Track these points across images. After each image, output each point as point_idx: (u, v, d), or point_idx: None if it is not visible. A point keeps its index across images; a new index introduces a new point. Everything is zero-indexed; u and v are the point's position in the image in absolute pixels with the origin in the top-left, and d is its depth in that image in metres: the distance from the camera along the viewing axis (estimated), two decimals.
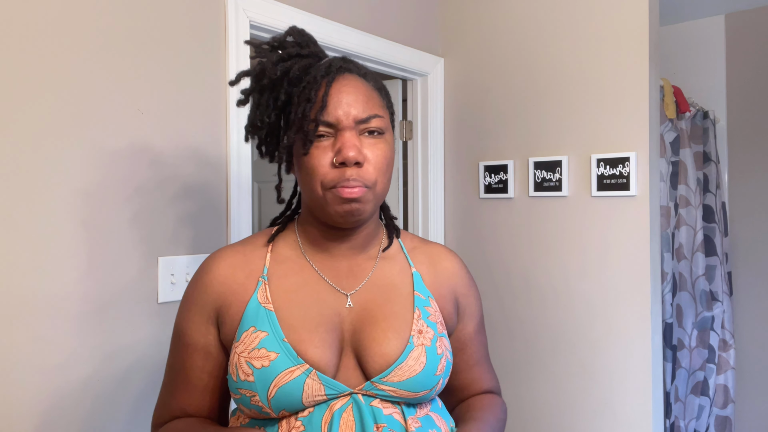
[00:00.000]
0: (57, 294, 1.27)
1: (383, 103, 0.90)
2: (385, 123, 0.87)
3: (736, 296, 3.01)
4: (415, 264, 0.97)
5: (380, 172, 0.85)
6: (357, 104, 0.84)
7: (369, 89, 0.87)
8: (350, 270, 0.92)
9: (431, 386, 0.86)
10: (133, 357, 1.41)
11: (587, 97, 2.02)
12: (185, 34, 1.51)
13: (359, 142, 0.83)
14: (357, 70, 0.89)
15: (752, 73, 2.98)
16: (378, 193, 0.86)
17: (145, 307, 1.43)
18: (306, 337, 0.83)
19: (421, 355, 0.84)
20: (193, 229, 1.53)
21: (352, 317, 0.87)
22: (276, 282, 0.88)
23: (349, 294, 0.89)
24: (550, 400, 2.11)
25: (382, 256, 0.95)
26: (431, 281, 0.96)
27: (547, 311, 2.12)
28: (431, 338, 0.87)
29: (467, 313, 0.99)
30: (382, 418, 0.81)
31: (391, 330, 0.85)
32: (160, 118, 1.46)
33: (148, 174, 1.43)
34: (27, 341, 1.23)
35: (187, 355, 0.90)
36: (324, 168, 0.83)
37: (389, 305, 0.88)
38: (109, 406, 1.36)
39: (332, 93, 0.84)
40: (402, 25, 2.21)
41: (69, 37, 1.29)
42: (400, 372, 0.83)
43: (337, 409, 0.80)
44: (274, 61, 0.86)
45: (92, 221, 1.33)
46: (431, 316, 0.90)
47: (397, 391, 0.83)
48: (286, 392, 0.79)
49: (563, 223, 2.08)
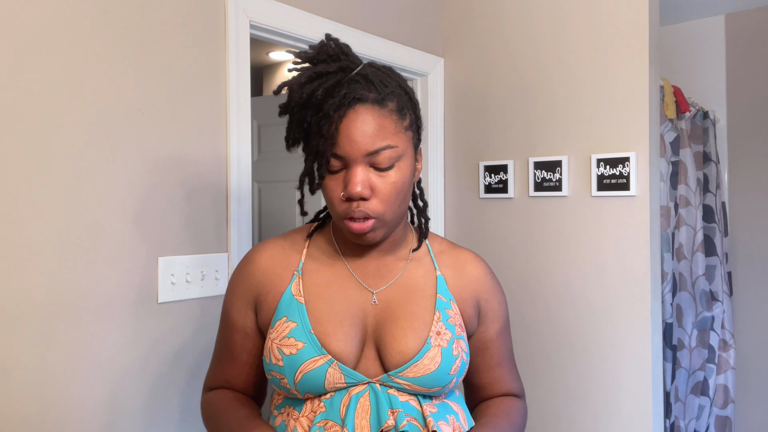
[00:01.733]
0: (57, 294, 1.27)
1: (402, 124, 0.90)
2: (400, 150, 0.88)
3: (736, 296, 3.01)
4: (440, 267, 1.01)
5: (388, 203, 0.89)
6: (365, 138, 0.85)
7: (382, 117, 0.87)
8: (378, 270, 0.98)
9: (444, 384, 0.91)
10: (134, 357, 1.41)
11: (587, 97, 2.02)
12: (185, 33, 1.51)
13: (367, 175, 0.87)
14: (374, 95, 0.87)
15: (752, 73, 2.98)
16: (389, 220, 0.91)
17: (145, 307, 1.43)
18: (330, 330, 0.90)
19: (437, 356, 0.90)
20: (193, 229, 1.53)
21: (376, 313, 0.94)
22: (309, 276, 0.96)
23: (375, 292, 0.96)
24: (550, 399, 2.11)
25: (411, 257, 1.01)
26: (454, 284, 1.00)
27: (547, 311, 2.12)
28: (448, 340, 0.92)
29: (489, 316, 1.03)
30: (397, 404, 0.88)
31: (410, 329, 0.91)
32: (160, 118, 1.46)
33: (147, 174, 1.43)
34: (27, 341, 1.23)
35: (230, 333, 1.01)
36: (336, 199, 0.89)
37: (411, 305, 0.94)
38: (109, 406, 1.36)
39: (342, 128, 0.86)
40: (402, 25, 2.21)
41: (69, 38, 1.29)
42: (416, 369, 0.89)
43: (355, 394, 0.88)
44: (302, 82, 0.88)
45: (92, 221, 1.33)
46: (451, 319, 0.95)
47: (411, 385, 0.89)
48: (310, 378, 0.88)
49: (563, 223, 2.08)
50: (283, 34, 1.78)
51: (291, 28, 1.77)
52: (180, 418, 1.50)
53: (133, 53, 1.40)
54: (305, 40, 1.85)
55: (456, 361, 0.92)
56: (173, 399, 1.49)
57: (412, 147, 0.93)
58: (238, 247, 1.62)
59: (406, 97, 0.93)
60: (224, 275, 1.59)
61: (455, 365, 0.92)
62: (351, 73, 0.88)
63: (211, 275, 1.56)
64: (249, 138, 1.65)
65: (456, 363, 0.92)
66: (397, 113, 0.89)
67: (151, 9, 1.44)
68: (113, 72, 1.37)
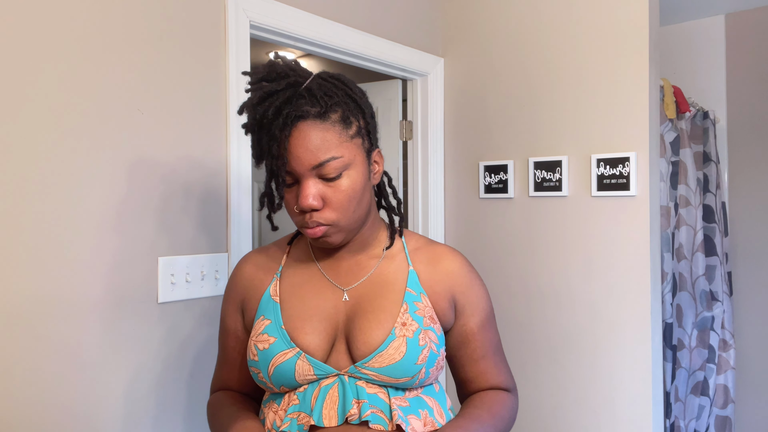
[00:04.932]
0: (57, 294, 1.27)
1: (345, 134, 0.93)
2: (347, 159, 0.93)
3: (736, 296, 3.01)
4: (413, 263, 1.04)
5: (340, 211, 0.94)
6: (308, 154, 0.90)
7: (324, 130, 0.91)
8: (350, 269, 1.03)
9: (412, 374, 0.94)
10: (134, 357, 1.41)
11: (587, 97, 2.02)
12: (185, 34, 1.51)
13: (317, 187, 0.92)
14: (316, 109, 0.91)
15: (752, 73, 2.98)
16: (343, 225, 0.96)
17: (145, 307, 1.43)
18: (300, 325, 0.96)
19: (402, 345, 0.93)
20: (193, 229, 1.53)
21: (347, 309, 0.99)
22: (286, 279, 1.04)
23: (345, 289, 1.01)
24: (551, 399, 2.11)
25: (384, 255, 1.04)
26: (427, 279, 1.03)
27: (547, 311, 2.12)
28: (414, 330, 0.95)
29: (467, 310, 1.05)
30: (364, 395, 0.92)
31: (376, 321, 0.95)
32: (160, 119, 1.46)
33: (148, 174, 1.43)
34: (27, 341, 1.23)
35: (225, 337, 1.10)
36: (292, 211, 0.96)
37: (380, 300, 0.98)
38: (109, 405, 1.36)
39: (289, 147, 0.91)
40: (402, 25, 2.21)
41: (69, 38, 1.29)
42: (381, 359, 0.93)
43: (325, 385, 0.94)
44: (255, 104, 0.92)
45: (92, 221, 1.33)
46: (419, 311, 0.98)
47: (378, 375, 0.93)
48: (281, 371, 0.94)
49: (563, 223, 2.08)
50: (283, 34, 1.78)
51: (291, 28, 1.77)
52: (181, 417, 1.50)
53: (132, 53, 1.40)
54: (305, 40, 1.85)
55: (423, 351, 0.94)
56: (174, 398, 1.49)
57: (362, 152, 0.97)
58: (238, 247, 1.62)
59: (353, 105, 0.96)
60: (224, 275, 1.59)
61: (422, 355, 0.94)
62: (300, 88, 0.92)
63: (211, 275, 1.56)
64: (249, 138, 1.65)
65: (423, 353, 0.94)
66: (341, 123, 0.93)
67: (151, 9, 1.44)
68: (113, 72, 1.37)
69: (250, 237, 1.67)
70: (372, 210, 1.05)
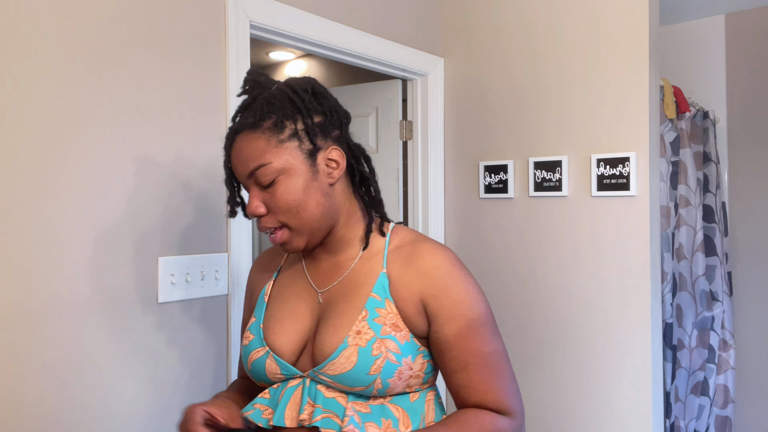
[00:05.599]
0: (57, 294, 1.27)
1: (275, 140, 0.93)
2: (277, 165, 0.93)
3: (736, 296, 3.01)
4: (388, 264, 0.99)
5: (284, 213, 0.95)
6: (240, 165, 0.95)
7: (253, 140, 0.93)
8: (329, 270, 1.04)
9: (365, 384, 0.91)
10: (134, 357, 1.41)
11: (587, 97, 2.02)
12: (185, 34, 1.51)
13: (261, 194, 0.96)
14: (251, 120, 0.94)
15: (752, 73, 2.98)
16: (297, 226, 0.96)
17: (145, 307, 1.43)
18: (272, 325, 1.01)
19: (353, 355, 0.91)
20: (193, 229, 1.53)
21: (319, 312, 1.00)
22: (279, 279, 1.09)
23: (320, 291, 1.02)
24: (551, 400, 2.11)
25: (362, 255, 1.02)
26: (397, 282, 0.96)
27: (547, 311, 2.12)
28: (368, 340, 0.91)
29: (441, 315, 0.94)
30: (320, 399, 0.94)
31: (333, 327, 0.95)
32: (160, 118, 1.46)
33: (148, 174, 1.43)
34: (27, 341, 1.23)
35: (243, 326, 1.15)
36: None
37: (343, 304, 0.97)
38: (109, 405, 1.36)
39: (231, 161, 0.98)
40: (402, 25, 2.21)
41: (69, 38, 1.29)
42: (333, 367, 0.92)
43: (291, 386, 0.97)
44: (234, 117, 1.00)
45: (93, 221, 1.33)
46: (379, 318, 0.93)
47: (333, 382, 0.93)
48: (255, 366, 1.00)
49: (563, 223, 2.08)
50: (283, 34, 1.78)
51: (291, 28, 1.77)
52: (181, 417, 1.50)
53: (132, 53, 1.40)
54: (305, 40, 1.85)
55: (377, 361, 0.90)
56: (174, 399, 1.49)
57: (300, 155, 0.94)
58: (238, 247, 1.62)
59: (290, 108, 0.94)
60: (224, 275, 1.59)
61: (375, 365, 0.90)
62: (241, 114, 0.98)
63: (211, 275, 1.56)
64: None
65: (377, 363, 0.90)
66: (272, 129, 0.93)
67: (151, 9, 1.44)
68: (113, 72, 1.37)
69: (250, 237, 1.66)
70: (346, 210, 1.01)
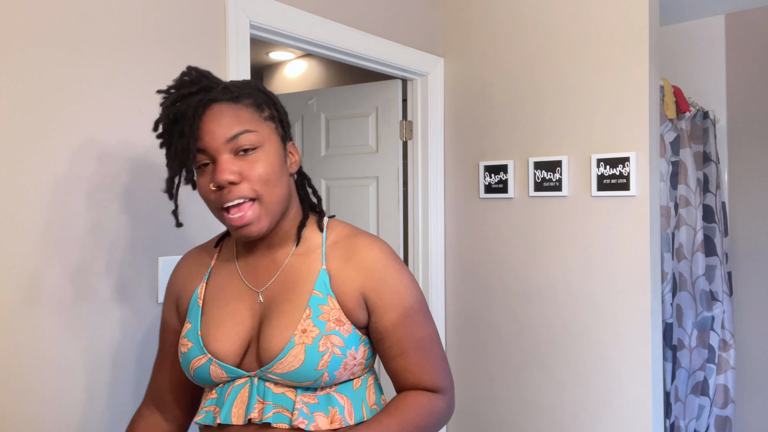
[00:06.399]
0: (58, 294, 1.27)
1: (258, 116, 0.96)
2: (260, 135, 0.94)
3: (736, 296, 3.01)
4: (327, 260, 1.01)
5: (262, 185, 0.93)
6: (221, 128, 0.92)
7: (238, 109, 0.94)
8: (266, 267, 1.03)
9: (314, 378, 0.95)
10: (134, 357, 1.41)
11: (587, 96, 2.02)
12: (185, 33, 1.51)
13: (233, 162, 0.92)
14: (229, 95, 0.95)
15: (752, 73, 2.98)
16: (269, 203, 0.95)
17: (145, 307, 1.43)
18: (213, 331, 0.99)
19: (300, 353, 0.94)
20: (193, 229, 1.53)
21: (261, 311, 1.00)
22: (212, 280, 1.05)
23: (260, 291, 1.01)
24: (551, 399, 2.11)
25: (297, 252, 1.03)
26: (337, 278, 1.00)
27: (547, 311, 2.12)
28: (314, 337, 0.94)
29: (380, 306, 0.99)
30: (270, 396, 0.95)
31: (278, 328, 0.96)
32: None
33: (148, 174, 1.43)
34: (28, 341, 1.23)
35: (163, 332, 1.12)
36: (209, 192, 0.94)
37: (286, 304, 0.98)
38: (109, 405, 1.36)
39: (201, 125, 0.92)
40: (402, 25, 2.21)
41: (69, 38, 1.29)
42: (281, 366, 0.94)
43: (237, 385, 0.98)
44: (167, 105, 0.95)
45: (93, 221, 1.33)
46: (323, 315, 0.96)
47: (281, 379, 0.95)
48: (199, 373, 0.98)
49: (563, 223, 2.08)
50: (283, 34, 1.78)
51: (291, 28, 1.77)
52: None
53: (132, 53, 1.40)
54: (305, 40, 1.85)
55: (324, 357, 0.94)
56: None
57: (276, 136, 0.98)
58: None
59: (264, 96, 0.99)
60: None
61: (322, 361, 0.94)
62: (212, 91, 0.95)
63: None
64: None
65: (324, 359, 0.94)
66: (254, 106, 0.96)
67: (151, 9, 1.44)
68: (113, 72, 1.37)
69: None
70: (293, 202, 1.03)
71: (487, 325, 2.28)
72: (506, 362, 2.22)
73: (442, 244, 2.40)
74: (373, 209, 2.52)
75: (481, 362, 2.30)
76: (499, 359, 2.24)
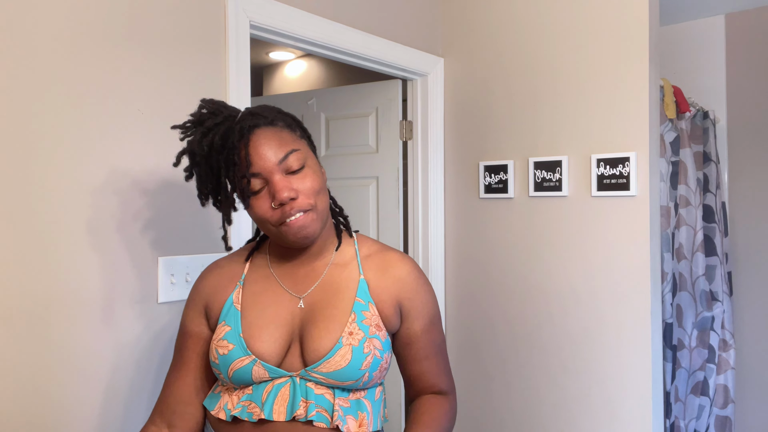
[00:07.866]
0: (57, 294, 1.27)
1: (296, 135, 1.06)
2: (303, 153, 1.04)
3: (736, 296, 3.01)
4: (364, 271, 1.12)
5: (314, 195, 1.03)
6: (271, 151, 1.00)
7: (278, 132, 1.03)
8: (306, 275, 1.11)
9: (356, 378, 1.03)
10: (134, 357, 1.41)
11: (587, 97, 2.02)
12: (185, 34, 1.51)
13: (288, 180, 1.01)
14: (264, 120, 1.03)
15: (752, 73, 2.98)
16: (321, 210, 1.04)
17: (145, 307, 1.43)
18: (256, 333, 1.04)
19: (347, 353, 1.02)
20: (193, 229, 1.53)
21: (302, 315, 1.07)
22: (248, 287, 1.11)
23: (301, 297, 1.09)
24: (550, 399, 2.11)
25: (335, 262, 1.12)
26: (376, 287, 1.11)
27: (547, 311, 2.12)
28: (360, 339, 1.04)
29: (412, 314, 1.12)
30: (311, 396, 1.02)
31: (326, 330, 1.04)
32: (160, 118, 1.46)
33: (148, 174, 1.43)
34: (26, 341, 1.23)
35: (184, 340, 1.14)
36: (268, 213, 1.02)
37: (330, 308, 1.06)
38: (109, 405, 1.36)
39: (250, 150, 1.00)
40: (402, 25, 2.21)
41: (69, 38, 1.29)
42: (328, 365, 1.01)
43: (277, 384, 1.03)
44: (198, 139, 1.02)
45: (93, 221, 1.33)
46: (366, 320, 1.06)
47: (326, 378, 1.02)
48: (239, 374, 1.03)
49: (563, 223, 2.08)
50: (283, 34, 1.78)
51: (291, 28, 1.77)
52: None
53: (132, 53, 1.40)
54: (305, 40, 1.85)
55: (367, 358, 1.04)
56: None
57: (312, 152, 1.09)
58: (238, 247, 1.62)
59: (290, 118, 1.08)
60: None
61: (366, 361, 1.03)
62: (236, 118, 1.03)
63: None
64: None
65: (367, 359, 1.04)
66: (288, 128, 1.06)
67: (151, 9, 1.44)
68: (113, 72, 1.37)
69: (250, 237, 1.66)
70: (329, 214, 1.12)
71: (486, 324, 2.28)
72: (506, 362, 2.22)
73: (442, 244, 2.40)
74: (373, 209, 2.52)
75: (480, 362, 2.30)
76: (498, 359, 2.24)
